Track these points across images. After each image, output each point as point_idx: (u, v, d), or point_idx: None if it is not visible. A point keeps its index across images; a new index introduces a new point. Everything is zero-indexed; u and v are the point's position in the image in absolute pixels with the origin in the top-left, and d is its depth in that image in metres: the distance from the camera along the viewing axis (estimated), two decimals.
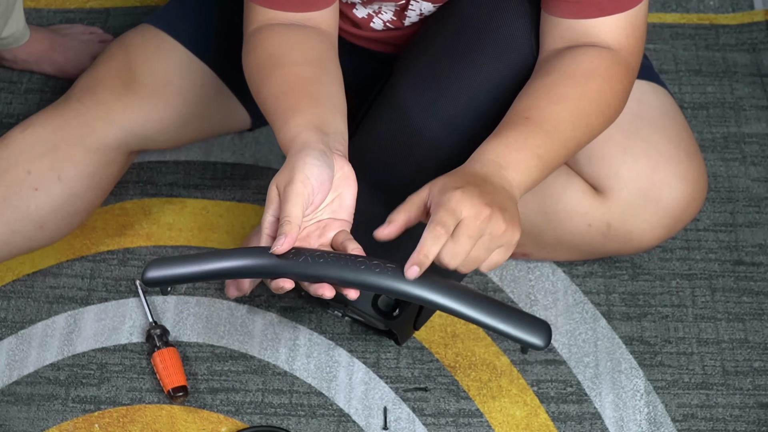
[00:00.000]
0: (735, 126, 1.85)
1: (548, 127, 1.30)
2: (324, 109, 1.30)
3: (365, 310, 1.45)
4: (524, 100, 1.33)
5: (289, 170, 1.22)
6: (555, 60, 1.36)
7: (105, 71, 1.62)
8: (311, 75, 1.34)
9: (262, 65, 1.36)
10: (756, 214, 1.75)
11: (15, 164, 1.55)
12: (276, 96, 1.33)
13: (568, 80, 1.33)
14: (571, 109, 1.32)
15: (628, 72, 1.37)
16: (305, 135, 1.26)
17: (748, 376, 1.60)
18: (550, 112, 1.31)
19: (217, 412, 1.56)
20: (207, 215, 1.74)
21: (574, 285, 1.68)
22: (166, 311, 1.65)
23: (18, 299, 1.66)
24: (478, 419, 1.55)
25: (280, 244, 1.19)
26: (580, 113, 1.33)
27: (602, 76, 1.34)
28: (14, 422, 1.55)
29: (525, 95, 1.34)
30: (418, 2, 1.47)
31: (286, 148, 1.27)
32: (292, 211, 1.20)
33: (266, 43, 1.37)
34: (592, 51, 1.35)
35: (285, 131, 1.29)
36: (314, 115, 1.29)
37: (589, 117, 1.33)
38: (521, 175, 1.27)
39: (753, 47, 1.95)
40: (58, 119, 1.57)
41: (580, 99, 1.33)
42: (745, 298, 1.67)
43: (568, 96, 1.32)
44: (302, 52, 1.36)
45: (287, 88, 1.33)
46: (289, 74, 1.34)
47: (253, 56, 1.38)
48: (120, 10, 1.99)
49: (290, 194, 1.20)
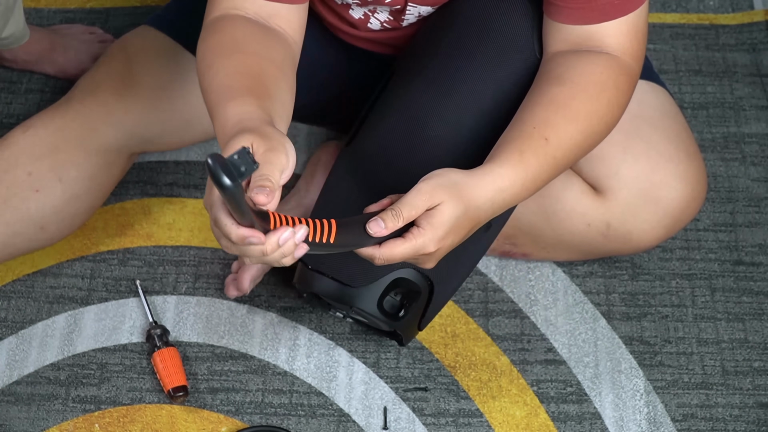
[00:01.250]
0: (735, 126, 1.85)
1: (560, 155, 1.31)
2: (275, 108, 1.24)
3: (370, 311, 1.45)
4: (541, 112, 1.32)
5: (266, 138, 1.13)
6: (565, 67, 1.36)
7: (106, 73, 1.61)
8: (271, 74, 1.28)
9: (223, 45, 1.29)
10: (756, 214, 1.75)
11: (16, 165, 1.55)
12: (232, 74, 1.25)
13: (582, 94, 1.33)
14: (583, 129, 1.33)
15: (633, 80, 1.38)
16: (265, 114, 1.19)
17: (748, 376, 1.60)
18: (565, 132, 1.31)
19: (217, 412, 1.56)
20: (207, 215, 1.74)
21: (574, 285, 1.68)
22: (166, 311, 1.65)
23: (18, 299, 1.66)
24: (478, 419, 1.56)
25: (264, 193, 1.10)
26: (590, 132, 1.34)
27: (611, 89, 1.35)
28: (14, 422, 1.55)
29: (540, 105, 1.33)
30: (416, 6, 1.47)
31: (232, 119, 1.18)
32: (274, 175, 1.12)
33: (230, 28, 1.31)
34: (601, 60, 1.35)
35: (237, 104, 1.20)
36: (268, 107, 1.22)
37: (595, 136, 1.35)
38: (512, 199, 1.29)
39: (753, 47, 1.95)
40: (59, 120, 1.57)
41: (591, 117, 1.33)
42: (744, 298, 1.67)
43: (581, 114, 1.33)
44: (266, 49, 1.30)
45: (246, 71, 1.25)
46: (250, 62, 1.27)
47: (214, 37, 1.31)
48: (120, 10, 1.99)
49: (273, 159, 1.12)
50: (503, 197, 1.27)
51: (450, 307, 1.65)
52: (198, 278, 1.68)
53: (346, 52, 1.63)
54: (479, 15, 1.45)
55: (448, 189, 1.22)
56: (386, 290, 1.44)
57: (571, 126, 1.32)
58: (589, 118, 1.33)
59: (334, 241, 1.18)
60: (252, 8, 1.33)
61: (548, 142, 1.29)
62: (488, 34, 1.44)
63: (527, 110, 1.33)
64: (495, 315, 1.65)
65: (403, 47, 1.56)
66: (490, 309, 1.66)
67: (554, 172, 1.32)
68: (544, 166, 1.29)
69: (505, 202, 1.27)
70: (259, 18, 1.33)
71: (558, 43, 1.39)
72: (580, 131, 1.32)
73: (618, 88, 1.35)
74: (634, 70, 1.38)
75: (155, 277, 1.68)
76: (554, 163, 1.30)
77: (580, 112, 1.32)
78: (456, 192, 1.22)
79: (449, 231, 1.22)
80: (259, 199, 1.09)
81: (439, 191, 1.21)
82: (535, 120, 1.31)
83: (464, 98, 1.43)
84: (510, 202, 1.28)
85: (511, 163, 1.27)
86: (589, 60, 1.35)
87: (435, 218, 1.21)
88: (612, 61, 1.36)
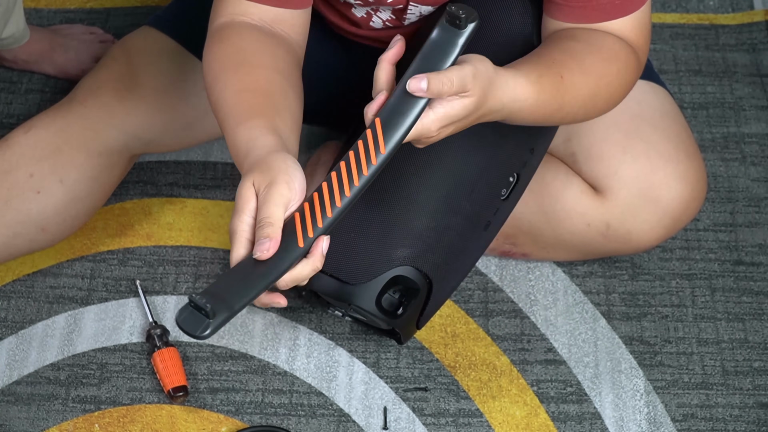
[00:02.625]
0: (735, 126, 1.85)
1: (566, 100, 1.30)
2: (284, 124, 1.25)
3: (369, 310, 1.45)
4: (558, 55, 1.32)
5: (267, 170, 1.16)
6: (579, 32, 1.36)
7: (107, 74, 1.61)
8: (278, 84, 1.28)
9: (229, 57, 1.30)
10: (756, 214, 1.75)
11: (17, 167, 1.55)
12: (239, 91, 1.27)
13: (597, 54, 1.33)
14: (591, 86, 1.32)
15: (639, 66, 1.38)
16: (271, 138, 1.21)
17: (748, 376, 1.60)
18: (578, 80, 1.31)
19: (217, 412, 1.56)
20: (207, 215, 1.74)
21: (574, 285, 1.68)
22: (166, 311, 1.65)
23: (18, 299, 1.66)
24: (478, 419, 1.55)
25: (265, 248, 1.12)
26: (595, 94, 1.33)
27: (622, 61, 1.34)
28: (14, 422, 1.55)
29: (558, 50, 1.33)
30: (418, 6, 1.47)
31: (242, 146, 1.21)
32: (275, 213, 1.13)
33: (235, 37, 1.32)
34: (614, 36, 1.35)
35: (245, 128, 1.22)
36: (276, 124, 1.23)
37: (598, 102, 1.34)
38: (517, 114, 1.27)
39: (753, 47, 1.95)
40: (61, 122, 1.57)
41: (600, 79, 1.33)
42: (744, 298, 1.67)
43: (593, 71, 1.32)
44: (272, 58, 1.31)
45: (253, 87, 1.27)
46: (257, 75, 1.28)
47: (220, 47, 1.32)
48: (120, 10, 1.99)
49: (274, 195, 1.14)
50: (511, 108, 1.25)
51: (450, 307, 1.65)
52: (198, 278, 1.68)
53: (348, 51, 1.63)
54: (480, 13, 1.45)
55: (483, 85, 1.20)
56: (385, 288, 1.44)
57: (583, 78, 1.31)
58: (599, 78, 1.32)
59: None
60: (257, 13, 1.34)
61: (563, 80, 1.29)
62: (488, 33, 1.44)
63: (544, 51, 1.33)
64: (495, 315, 1.65)
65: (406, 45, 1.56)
66: (490, 309, 1.66)
67: (555, 115, 1.31)
68: (551, 101, 1.28)
69: (511, 113, 1.26)
70: (264, 23, 1.34)
71: None
72: (589, 87, 1.32)
73: (627, 65, 1.35)
74: (640, 59, 1.38)
75: (155, 277, 1.68)
76: (560, 104, 1.30)
77: (592, 68, 1.32)
78: (486, 90, 1.21)
79: (458, 121, 1.21)
80: (262, 255, 1.12)
81: (477, 84, 1.19)
82: (554, 59, 1.31)
83: None
84: (514, 115, 1.27)
85: (530, 80, 1.26)
86: (601, 32, 1.35)
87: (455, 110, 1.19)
88: (622, 40, 1.36)
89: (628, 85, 1.37)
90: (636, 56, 1.36)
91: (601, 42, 1.34)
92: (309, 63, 1.59)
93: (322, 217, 1.16)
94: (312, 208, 1.16)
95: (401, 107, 1.18)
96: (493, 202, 1.46)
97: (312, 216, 1.16)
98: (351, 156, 1.17)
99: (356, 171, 1.17)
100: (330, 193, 1.17)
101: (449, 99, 1.18)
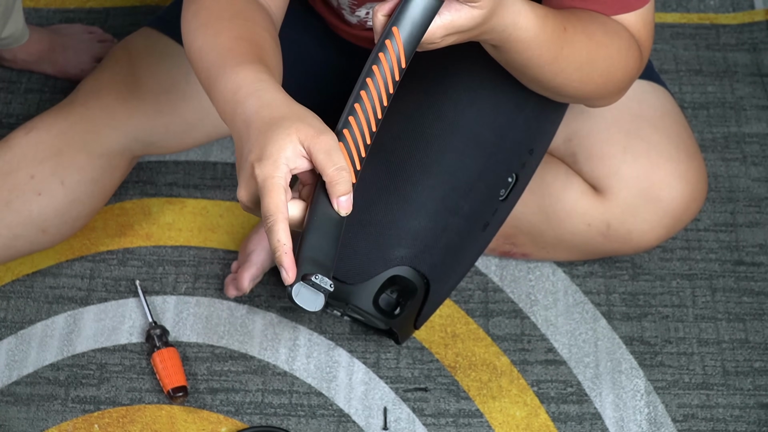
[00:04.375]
0: (735, 126, 1.85)
1: (565, 55, 1.26)
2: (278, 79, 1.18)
3: (366, 309, 1.45)
4: (567, 12, 1.28)
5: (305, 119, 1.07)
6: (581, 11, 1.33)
7: (109, 76, 1.61)
8: (271, 44, 1.21)
9: (221, 7, 1.22)
10: (756, 214, 1.75)
11: (18, 168, 1.55)
12: (236, 38, 1.18)
13: (601, 26, 1.30)
14: (591, 50, 1.29)
15: (641, 59, 1.35)
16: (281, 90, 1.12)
17: (749, 376, 1.60)
18: (580, 39, 1.27)
19: (217, 412, 1.56)
20: (207, 215, 1.74)
21: (574, 285, 1.68)
22: (166, 311, 1.65)
23: (18, 299, 1.66)
24: (478, 419, 1.55)
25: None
26: (593, 59, 1.30)
27: (624, 40, 1.32)
28: (14, 422, 1.55)
29: (564, 10, 1.29)
30: None
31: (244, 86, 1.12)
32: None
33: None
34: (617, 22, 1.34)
35: (249, 70, 1.13)
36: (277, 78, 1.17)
37: (595, 68, 1.31)
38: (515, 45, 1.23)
39: (753, 47, 1.95)
40: (62, 123, 1.57)
41: (600, 47, 1.30)
42: (745, 298, 1.67)
43: (595, 37, 1.29)
44: (263, 19, 1.24)
45: (249, 38, 1.18)
46: (252, 28, 1.20)
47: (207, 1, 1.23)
48: (120, 10, 1.99)
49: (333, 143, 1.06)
50: (511, 33, 1.21)
51: (450, 307, 1.65)
52: (198, 278, 1.68)
53: (348, 52, 1.63)
54: None
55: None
56: (382, 288, 1.44)
57: (584, 39, 1.28)
58: (599, 46, 1.29)
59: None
60: None
61: (565, 32, 1.26)
62: None
63: (553, 3, 1.30)
64: (495, 315, 1.65)
65: None
66: (490, 309, 1.65)
67: (550, 66, 1.27)
68: (550, 46, 1.25)
69: (509, 39, 1.22)
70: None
71: None
72: (589, 50, 1.29)
73: (629, 47, 1.32)
74: (642, 55, 1.36)
75: (155, 277, 1.68)
76: (555, 55, 1.26)
77: (595, 35, 1.29)
78: (496, 5, 1.16)
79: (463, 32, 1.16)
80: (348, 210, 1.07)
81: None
82: (561, 12, 1.27)
83: (460, 95, 1.43)
84: (510, 44, 1.23)
85: (537, 14, 1.22)
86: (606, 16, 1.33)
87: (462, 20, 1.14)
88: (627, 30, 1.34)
89: (628, 68, 1.34)
90: (639, 49, 1.35)
91: (605, 19, 1.32)
92: (309, 64, 1.59)
93: (364, 146, 1.10)
94: (354, 140, 1.09)
95: (414, 12, 1.10)
96: (492, 203, 1.45)
97: (357, 149, 1.09)
98: (376, 73, 1.10)
99: (384, 91, 1.10)
100: (366, 121, 1.10)
101: (458, 8, 1.13)
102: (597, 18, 1.32)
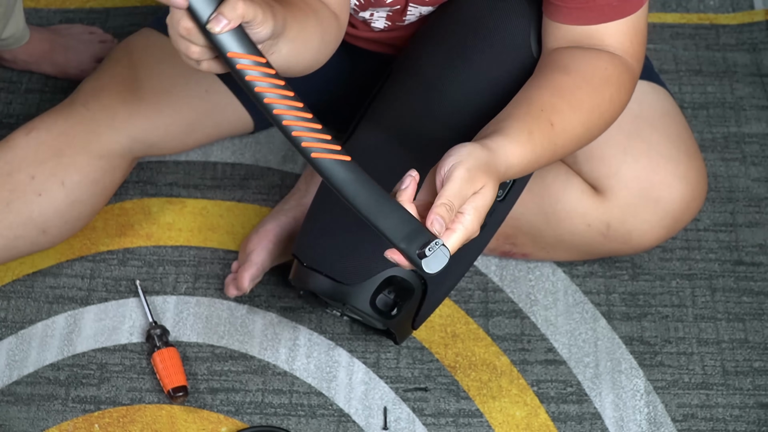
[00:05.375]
0: (735, 126, 1.85)
1: (561, 142, 1.30)
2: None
3: (363, 309, 1.45)
4: (548, 96, 1.31)
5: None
6: (570, 59, 1.36)
7: (110, 76, 1.61)
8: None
9: None
10: (756, 214, 1.75)
11: (18, 169, 1.55)
12: None
13: (587, 86, 1.33)
14: (584, 121, 1.33)
15: (634, 80, 1.38)
16: None
17: (748, 376, 1.60)
18: (569, 120, 1.31)
19: (217, 412, 1.56)
20: (207, 215, 1.74)
21: (574, 285, 1.68)
22: (166, 311, 1.65)
23: (18, 299, 1.66)
24: (478, 419, 1.55)
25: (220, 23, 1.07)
26: (590, 126, 1.34)
27: (615, 85, 1.35)
28: (14, 422, 1.55)
29: (547, 89, 1.32)
30: (417, 7, 1.47)
31: None
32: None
33: None
34: (605, 56, 1.35)
35: None
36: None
37: (594, 130, 1.35)
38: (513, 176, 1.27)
39: (753, 47, 1.95)
40: (63, 124, 1.57)
41: (593, 110, 1.33)
42: (745, 298, 1.67)
43: (585, 105, 1.33)
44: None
45: None
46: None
47: None
48: (120, 10, 1.99)
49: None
50: (508, 174, 1.25)
51: (450, 307, 1.65)
52: (198, 278, 1.68)
53: (349, 53, 1.63)
54: (476, 15, 1.45)
55: (485, 171, 1.19)
56: (379, 288, 1.44)
57: (575, 116, 1.31)
58: (591, 111, 1.33)
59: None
60: None
61: (553, 128, 1.29)
62: (485, 33, 1.44)
63: (534, 92, 1.32)
64: (495, 315, 1.65)
65: (403, 48, 1.56)
66: (490, 309, 1.65)
67: (552, 159, 1.31)
68: (546, 151, 1.29)
69: (508, 175, 1.26)
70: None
71: (558, 41, 1.39)
72: (582, 122, 1.32)
73: (620, 86, 1.36)
74: (635, 70, 1.38)
75: (155, 277, 1.68)
76: (554, 150, 1.30)
77: (584, 103, 1.32)
78: (490, 172, 1.20)
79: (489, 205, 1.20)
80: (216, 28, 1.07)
81: (479, 175, 1.18)
82: (543, 103, 1.30)
83: (460, 98, 1.43)
84: (513, 176, 1.27)
85: (520, 142, 1.25)
86: (593, 55, 1.35)
87: (479, 202, 1.18)
88: (615, 59, 1.36)
89: (622, 104, 1.37)
90: (629, 71, 1.37)
91: (592, 70, 1.34)
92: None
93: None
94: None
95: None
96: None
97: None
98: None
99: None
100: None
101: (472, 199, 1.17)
102: (581, 73, 1.34)
